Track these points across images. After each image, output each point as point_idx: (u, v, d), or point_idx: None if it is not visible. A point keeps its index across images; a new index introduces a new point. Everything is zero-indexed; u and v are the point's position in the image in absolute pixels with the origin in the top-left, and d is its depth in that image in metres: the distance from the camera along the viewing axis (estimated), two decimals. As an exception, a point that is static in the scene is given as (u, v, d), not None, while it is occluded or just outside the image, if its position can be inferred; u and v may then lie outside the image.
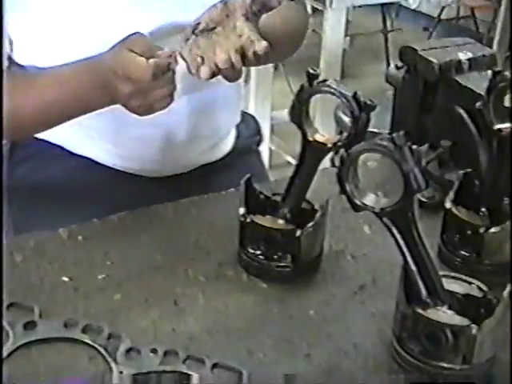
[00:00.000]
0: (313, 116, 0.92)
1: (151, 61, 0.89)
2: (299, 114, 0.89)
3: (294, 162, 3.15)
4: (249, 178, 0.95)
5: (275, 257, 0.90)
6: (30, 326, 0.80)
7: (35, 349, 0.78)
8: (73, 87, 0.98)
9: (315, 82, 0.87)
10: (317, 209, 0.92)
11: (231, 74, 0.92)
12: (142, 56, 0.89)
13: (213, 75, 0.91)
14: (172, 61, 0.90)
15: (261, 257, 0.91)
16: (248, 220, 0.91)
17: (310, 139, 0.89)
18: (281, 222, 0.93)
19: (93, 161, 1.16)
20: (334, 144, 0.88)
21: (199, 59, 0.91)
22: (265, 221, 0.92)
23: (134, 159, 1.17)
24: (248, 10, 0.90)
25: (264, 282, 0.89)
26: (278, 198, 0.94)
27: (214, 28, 0.92)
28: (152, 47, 0.92)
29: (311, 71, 0.86)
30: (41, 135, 1.16)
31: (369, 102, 0.84)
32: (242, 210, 0.91)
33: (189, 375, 0.75)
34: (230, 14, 0.92)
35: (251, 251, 0.92)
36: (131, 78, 0.90)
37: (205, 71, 0.90)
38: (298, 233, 0.88)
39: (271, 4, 0.91)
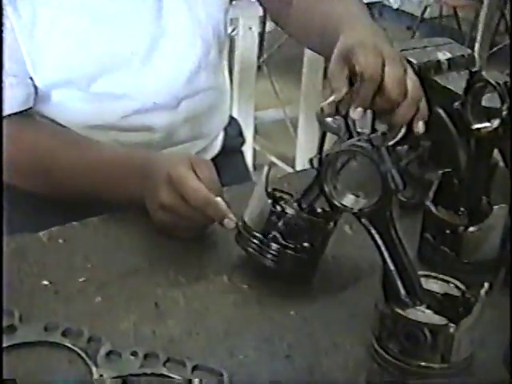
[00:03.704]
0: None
1: (218, 199, 0.89)
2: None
3: (278, 161, 3.13)
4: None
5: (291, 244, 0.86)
6: (9, 329, 0.79)
7: (15, 353, 0.77)
8: (111, 177, 1.00)
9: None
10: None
11: None
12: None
13: None
14: (229, 220, 0.89)
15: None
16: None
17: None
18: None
19: None
20: None
21: None
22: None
23: None
24: None
25: (244, 284, 0.90)
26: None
27: None
28: (217, 183, 0.92)
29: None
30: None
31: None
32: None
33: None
34: None
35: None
36: (180, 195, 0.89)
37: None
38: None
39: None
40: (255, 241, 0.87)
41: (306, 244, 0.86)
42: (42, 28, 1.04)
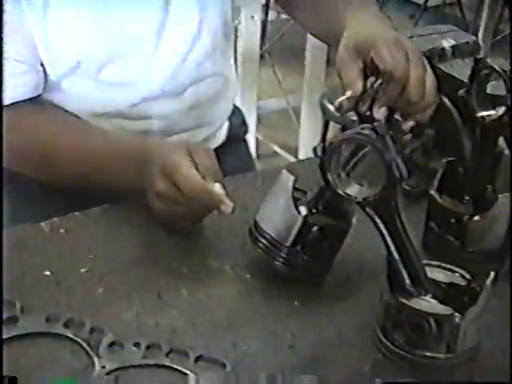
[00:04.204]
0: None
1: (214, 185, 0.86)
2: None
3: (280, 151, 3.13)
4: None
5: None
6: (11, 320, 0.79)
7: (17, 344, 0.77)
8: (111, 165, 0.99)
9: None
10: None
11: None
12: (197, 169, 0.88)
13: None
14: (225, 206, 0.86)
15: None
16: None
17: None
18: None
19: None
20: None
21: None
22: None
23: None
24: None
25: (248, 274, 0.89)
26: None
27: None
28: (215, 169, 0.90)
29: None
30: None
31: None
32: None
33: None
34: None
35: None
36: (175, 185, 0.88)
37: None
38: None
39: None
40: (268, 244, 0.85)
41: (322, 249, 0.84)
42: (53, 14, 1.03)
